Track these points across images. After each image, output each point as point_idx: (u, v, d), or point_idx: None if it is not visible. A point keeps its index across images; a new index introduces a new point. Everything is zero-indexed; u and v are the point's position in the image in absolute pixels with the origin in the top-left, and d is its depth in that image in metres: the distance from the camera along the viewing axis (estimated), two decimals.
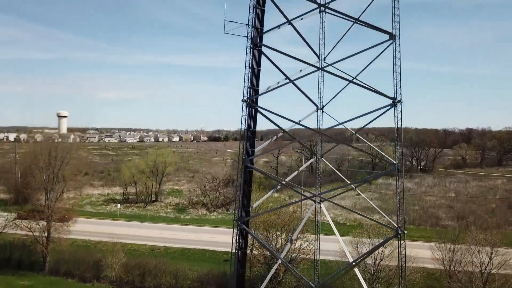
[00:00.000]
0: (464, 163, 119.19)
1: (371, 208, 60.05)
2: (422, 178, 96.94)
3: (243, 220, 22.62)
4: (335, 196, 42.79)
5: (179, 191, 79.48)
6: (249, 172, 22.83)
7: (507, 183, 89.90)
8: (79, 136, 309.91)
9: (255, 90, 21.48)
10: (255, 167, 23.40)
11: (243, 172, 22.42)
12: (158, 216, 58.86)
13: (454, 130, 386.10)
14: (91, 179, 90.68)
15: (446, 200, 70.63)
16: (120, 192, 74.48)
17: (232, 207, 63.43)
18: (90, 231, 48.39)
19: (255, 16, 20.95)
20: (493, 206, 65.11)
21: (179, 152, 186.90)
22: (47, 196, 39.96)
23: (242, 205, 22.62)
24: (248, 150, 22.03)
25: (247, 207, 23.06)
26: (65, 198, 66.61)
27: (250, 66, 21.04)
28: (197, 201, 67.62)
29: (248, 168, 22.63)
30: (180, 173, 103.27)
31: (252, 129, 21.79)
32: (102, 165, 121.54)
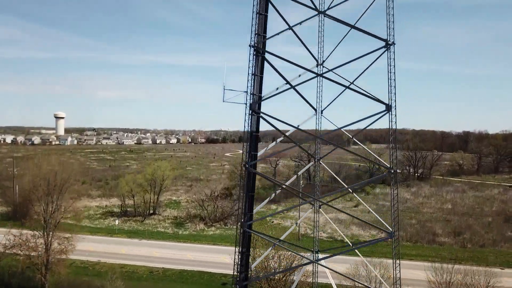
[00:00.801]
0: (461, 170, 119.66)
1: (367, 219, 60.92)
2: (419, 186, 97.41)
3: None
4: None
5: (177, 202, 79.57)
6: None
7: (503, 193, 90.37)
8: (76, 138, 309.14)
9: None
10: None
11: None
12: (157, 232, 58.98)
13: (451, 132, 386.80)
14: (89, 189, 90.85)
15: (443, 213, 71.01)
16: (118, 204, 74.51)
17: (230, 222, 63.76)
18: (89, 250, 48.49)
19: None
20: (490, 220, 65.48)
21: (177, 156, 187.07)
22: (45, 224, 39.85)
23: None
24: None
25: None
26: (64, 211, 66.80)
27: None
28: (195, 214, 67.82)
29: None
30: (178, 181, 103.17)
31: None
32: (99, 172, 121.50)
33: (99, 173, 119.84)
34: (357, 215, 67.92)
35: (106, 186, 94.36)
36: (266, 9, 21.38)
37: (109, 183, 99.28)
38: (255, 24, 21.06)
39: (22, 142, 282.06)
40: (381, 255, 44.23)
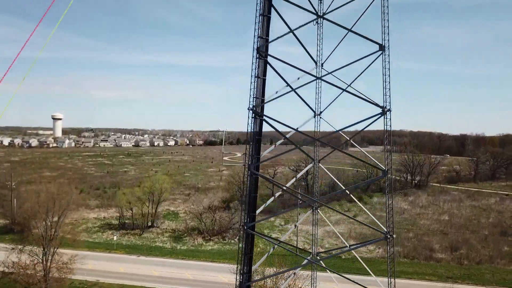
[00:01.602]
0: (458, 178, 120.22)
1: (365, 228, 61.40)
2: (416, 195, 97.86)
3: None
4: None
5: (175, 213, 79.66)
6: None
7: (500, 202, 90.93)
8: (74, 141, 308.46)
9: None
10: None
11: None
12: (155, 246, 59.12)
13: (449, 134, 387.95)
14: (87, 198, 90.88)
15: (440, 225, 71.41)
16: (116, 215, 74.56)
17: (228, 236, 63.94)
18: (87, 268, 48.50)
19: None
20: (486, 233, 65.88)
21: (175, 160, 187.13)
22: (44, 250, 39.98)
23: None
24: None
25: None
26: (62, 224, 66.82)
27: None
28: (193, 226, 68.00)
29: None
30: (176, 189, 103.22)
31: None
32: (97, 179, 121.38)
33: (97, 180, 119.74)
34: (354, 228, 68.41)
35: (104, 195, 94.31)
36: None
37: (107, 191, 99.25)
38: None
39: (19, 144, 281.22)
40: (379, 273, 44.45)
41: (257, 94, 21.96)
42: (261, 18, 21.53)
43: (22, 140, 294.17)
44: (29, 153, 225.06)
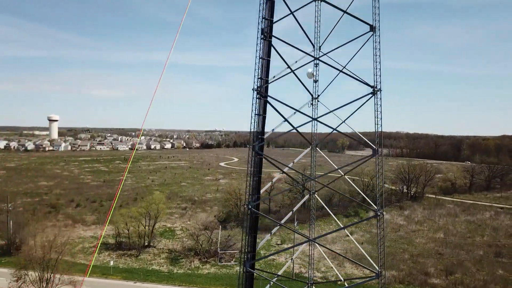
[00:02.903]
0: (453, 189, 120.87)
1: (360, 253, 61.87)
2: (412, 209, 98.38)
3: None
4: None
5: (172, 230, 79.71)
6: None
7: (495, 217, 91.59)
8: (70, 144, 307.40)
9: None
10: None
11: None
12: (152, 270, 59.22)
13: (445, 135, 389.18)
14: (84, 213, 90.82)
15: (435, 244, 71.88)
16: (113, 233, 74.45)
17: (224, 258, 64.05)
18: None
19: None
20: (481, 254, 66.39)
21: (171, 167, 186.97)
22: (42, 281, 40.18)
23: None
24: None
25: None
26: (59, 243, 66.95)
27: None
28: (190, 246, 68.13)
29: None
30: (173, 201, 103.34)
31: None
32: (94, 189, 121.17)
33: (93, 190, 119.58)
34: (350, 247, 68.76)
35: (100, 209, 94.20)
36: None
37: (103, 205, 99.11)
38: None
39: (15, 147, 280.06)
40: None
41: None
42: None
43: (18, 143, 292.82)
44: (25, 157, 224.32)
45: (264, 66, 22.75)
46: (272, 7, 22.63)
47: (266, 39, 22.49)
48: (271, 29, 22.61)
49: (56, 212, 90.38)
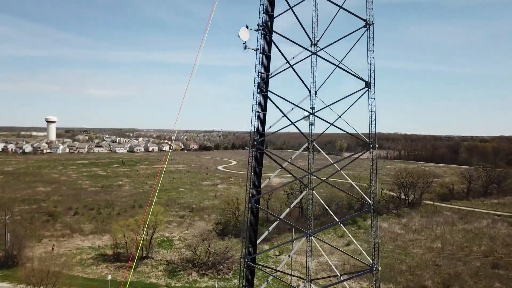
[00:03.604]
0: (451, 195, 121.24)
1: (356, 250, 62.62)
2: (409, 217, 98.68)
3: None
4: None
5: (170, 240, 79.70)
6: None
7: (492, 225, 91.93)
8: (68, 146, 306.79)
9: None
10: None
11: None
12: (149, 284, 59.21)
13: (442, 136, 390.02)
14: (81, 221, 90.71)
15: (433, 255, 72.09)
16: (111, 243, 74.42)
17: (223, 270, 64.11)
18: None
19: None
20: (478, 265, 66.63)
21: (169, 171, 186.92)
22: None
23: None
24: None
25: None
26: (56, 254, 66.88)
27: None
28: (187, 257, 68.12)
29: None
30: (171, 209, 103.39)
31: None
32: (92, 195, 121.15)
33: (91, 196, 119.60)
34: (348, 259, 68.85)
35: (98, 217, 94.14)
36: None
37: (101, 212, 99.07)
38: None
39: (13, 150, 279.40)
40: None
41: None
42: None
43: (16, 145, 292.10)
44: (23, 161, 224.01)
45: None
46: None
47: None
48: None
49: (54, 221, 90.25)
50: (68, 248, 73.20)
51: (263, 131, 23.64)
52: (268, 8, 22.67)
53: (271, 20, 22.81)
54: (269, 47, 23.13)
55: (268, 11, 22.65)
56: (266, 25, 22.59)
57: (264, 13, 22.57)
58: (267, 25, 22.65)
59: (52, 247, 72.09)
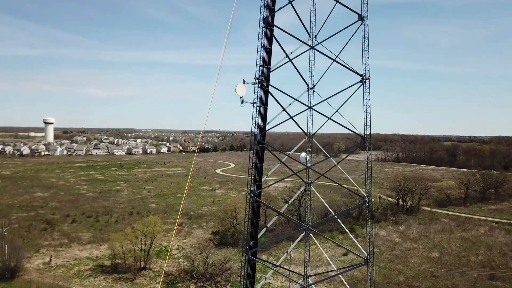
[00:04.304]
0: (448, 201, 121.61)
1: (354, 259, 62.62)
2: (407, 224, 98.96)
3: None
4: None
5: (168, 249, 79.66)
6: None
7: (489, 233, 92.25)
8: (66, 148, 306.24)
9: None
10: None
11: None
12: None
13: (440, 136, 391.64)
14: (79, 230, 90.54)
15: (430, 265, 72.28)
16: (109, 253, 74.32)
17: (221, 283, 64.12)
18: None
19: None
20: (476, 276, 66.85)
21: (168, 174, 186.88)
22: None
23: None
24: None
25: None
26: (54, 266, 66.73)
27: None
28: (185, 268, 68.14)
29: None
30: (169, 216, 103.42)
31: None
32: (90, 201, 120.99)
33: (89, 202, 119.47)
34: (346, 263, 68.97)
35: (96, 226, 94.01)
36: None
37: (99, 220, 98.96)
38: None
39: (10, 152, 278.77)
40: None
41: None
42: None
43: (13, 148, 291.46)
44: (20, 164, 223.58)
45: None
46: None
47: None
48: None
49: (52, 229, 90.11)
50: (65, 258, 73.05)
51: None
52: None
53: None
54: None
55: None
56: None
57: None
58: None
59: (50, 258, 71.91)
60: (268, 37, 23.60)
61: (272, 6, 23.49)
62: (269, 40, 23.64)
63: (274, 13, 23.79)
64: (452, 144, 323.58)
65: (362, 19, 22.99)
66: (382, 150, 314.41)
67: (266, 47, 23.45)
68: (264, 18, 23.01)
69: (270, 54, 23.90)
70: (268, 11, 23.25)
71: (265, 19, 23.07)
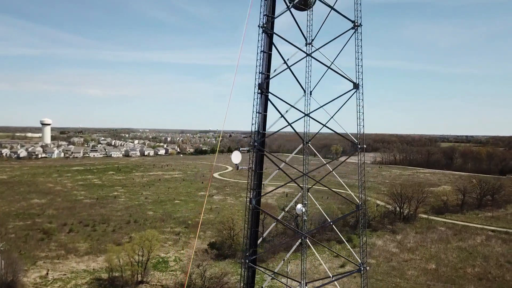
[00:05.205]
0: (445, 208, 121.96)
1: None
2: (404, 233, 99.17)
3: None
4: None
5: (165, 261, 79.63)
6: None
7: (486, 242, 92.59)
8: (63, 151, 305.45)
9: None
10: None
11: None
12: None
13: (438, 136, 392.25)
14: (76, 240, 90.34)
15: (427, 277, 72.48)
16: (106, 265, 74.17)
17: None
18: None
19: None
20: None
21: (165, 179, 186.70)
22: None
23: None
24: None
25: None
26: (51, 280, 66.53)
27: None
28: (183, 281, 68.15)
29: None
30: (166, 225, 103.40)
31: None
32: (87, 209, 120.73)
33: (86, 210, 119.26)
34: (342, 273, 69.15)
35: (93, 235, 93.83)
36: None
37: (96, 229, 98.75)
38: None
39: (7, 155, 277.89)
40: None
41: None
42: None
43: (10, 150, 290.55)
44: (17, 167, 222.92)
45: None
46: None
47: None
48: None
49: (49, 240, 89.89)
50: (62, 271, 72.85)
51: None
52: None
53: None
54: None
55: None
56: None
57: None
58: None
59: (47, 271, 71.76)
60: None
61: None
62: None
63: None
64: (449, 146, 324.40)
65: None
66: (380, 152, 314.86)
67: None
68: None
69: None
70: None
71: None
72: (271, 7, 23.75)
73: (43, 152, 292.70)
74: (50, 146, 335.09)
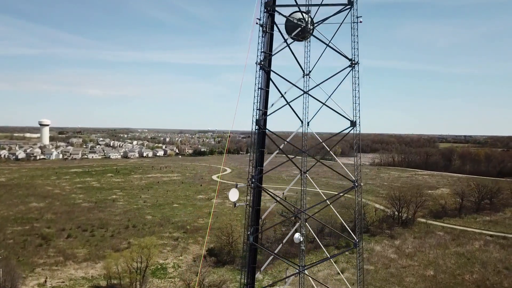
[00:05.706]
0: (444, 212, 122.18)
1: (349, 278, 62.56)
2: (403, 238, 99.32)
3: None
4: None
5: (164, 267, 79.62)
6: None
7: (484, 247, 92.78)
8: (62, 152, 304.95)
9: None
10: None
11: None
12: None
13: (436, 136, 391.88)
14: (74, 245, 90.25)
15: (425, 284, 72.63)
16: (104, 272, 74.17)
17: None
18: None
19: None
20: None
21: (164, 181, 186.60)
22: None
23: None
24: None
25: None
26: None
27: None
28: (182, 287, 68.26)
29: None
30: (164, 229, 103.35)
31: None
32: (85, 213, 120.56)
33: (85, 214, 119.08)
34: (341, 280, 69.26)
35: (92, 240, 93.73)
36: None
37: (95, 234, 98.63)
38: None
39: (5, 156, 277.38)
40: None
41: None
42: None
43: (9, 152, 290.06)
44: (15, 169, 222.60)
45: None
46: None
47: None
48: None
49: (47, 245, 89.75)
50: (61, 279, 72.78)
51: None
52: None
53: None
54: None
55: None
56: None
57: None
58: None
59: (45, 279, 71.70)
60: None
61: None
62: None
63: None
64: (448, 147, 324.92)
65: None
66: (379, 153, 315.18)
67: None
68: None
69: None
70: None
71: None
72: (268, 44, 23.88)
73: (42, 154, 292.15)
74: (49, 147, 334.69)
